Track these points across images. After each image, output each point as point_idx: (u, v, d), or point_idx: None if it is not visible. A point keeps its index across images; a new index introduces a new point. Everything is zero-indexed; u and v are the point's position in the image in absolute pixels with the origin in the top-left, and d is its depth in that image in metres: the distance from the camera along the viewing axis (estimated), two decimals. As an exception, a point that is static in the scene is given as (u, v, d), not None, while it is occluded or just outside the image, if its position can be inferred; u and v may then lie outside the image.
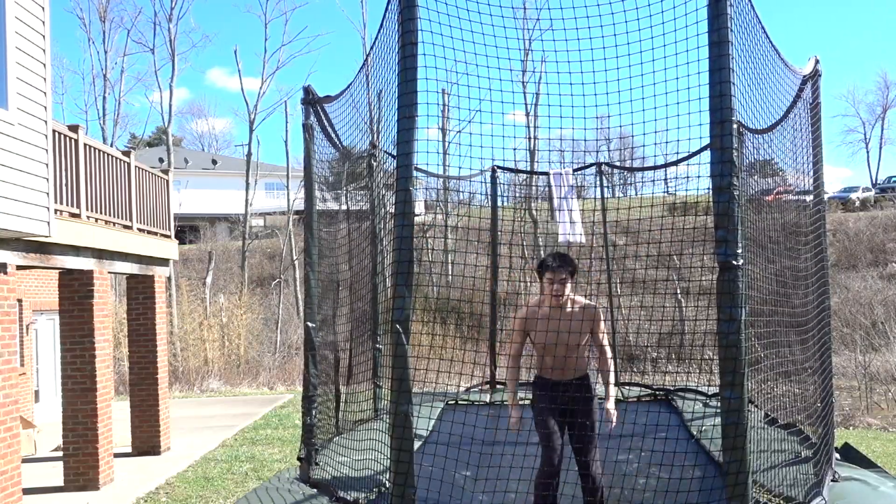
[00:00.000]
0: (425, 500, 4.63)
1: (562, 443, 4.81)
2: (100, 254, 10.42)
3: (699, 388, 7.83)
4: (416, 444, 5.20)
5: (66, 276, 10.34)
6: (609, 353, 4.99)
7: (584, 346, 5.01)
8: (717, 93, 3.21)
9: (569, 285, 4.96)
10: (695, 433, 6.35)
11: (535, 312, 5.02)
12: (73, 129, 9.74)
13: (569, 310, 4.98)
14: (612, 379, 4.90)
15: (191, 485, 10.14)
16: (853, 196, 40.69)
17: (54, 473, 10.46)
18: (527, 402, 5.19)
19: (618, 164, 13.41)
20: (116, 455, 11.14)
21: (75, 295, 10.31)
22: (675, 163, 8.09)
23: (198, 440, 13.22)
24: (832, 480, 4.70)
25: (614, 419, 4.73)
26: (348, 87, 5.46)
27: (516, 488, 4.99)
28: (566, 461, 4.83)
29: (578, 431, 4.81)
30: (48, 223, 8.15)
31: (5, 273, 8.12)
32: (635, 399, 8.01)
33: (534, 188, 10.48)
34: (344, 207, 6.74)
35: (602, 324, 5.01)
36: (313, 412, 5.72)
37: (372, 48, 4.55)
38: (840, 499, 4.41)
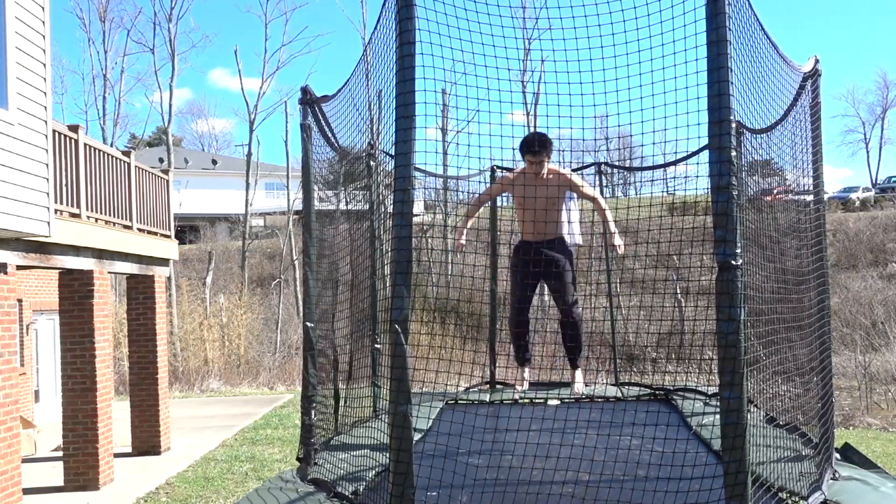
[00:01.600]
0: (425, 500, 4.63)
1: (531, 294, 5.57)
2: (100, 254, 10.43)
3: (699, 388, 7.83)
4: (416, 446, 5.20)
5: (66, 276, 10.34)
6: (602, 201, 5.61)
7: (559, 210, 5.60)
8: (715, 92, 3.20)
9: (546, 163, 5.54)
10: (694, 431, 6.35)
11: (519, 178, 5.61)
12: (73, 129, 9.75)
13: (545, 177, 5.57)
14: (609, 217, 5.56)
15: (191, 485, 10.15)
16: (853, 196, 40.71)
17: (54, 473, 10.46)
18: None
19: (617, 164, 13.41)
20: (116, 455, 11.15)
21: (75, 295, 10.31)
22: (675, 163, 8.08)
23: (198, 440, 13.22)
24: (832, 479, 4.70)
25: (622, 244, 5.41)
26: (345, 85, 5.46)
27: (516, 489, 4.99)
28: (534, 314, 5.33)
29: (555, 281, 5.49)
30: (48, 223, 8.16)
31: (5, 273, 8.12)
32: (634, 398, 8.01)
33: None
34: (343, 207, 6.74)
35: (579, 180, 5.62)
36: (313, 412, 5.72)
37: (367, 47, 4.55)
38: (840, 498, 4.41)
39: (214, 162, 50.70)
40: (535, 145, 5.44)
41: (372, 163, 6.46)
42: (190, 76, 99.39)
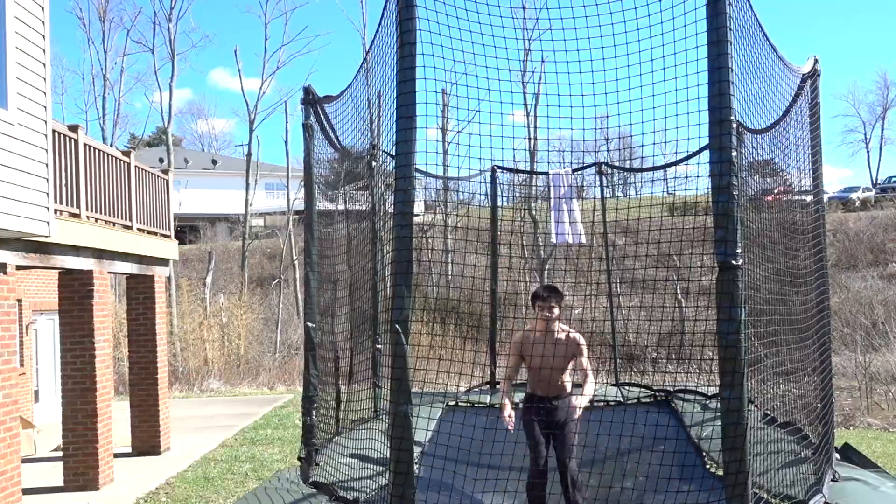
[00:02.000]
0: (425, 500, 4.63)
1: (547, 451, 5.56)
2: (100, 254, 10.42)
3: (699, 389, 7.82)
4: (416, 449, 5.20)
5: (66, 276, 10.33)
6: (591, 376, 5.73)
7: (567, 369, 5.80)
8: (716, 92, 3.20)
9: (556, 310, 5.76)
10: (694, 435, 6.35)
11: (529, 337, 5.83)
12: (73, 129, 9.74)
13: (556, 336, 5.76)
14: (587, 390, 5.61)
15: (191, 485, 10.14)
16: (853, 196, 40.68)
17: (54, 473, 10.46)
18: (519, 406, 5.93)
19: (618, 164, 13.41)
20: (116, 455, 11.14)
21: (75, 295, 10.31)
22: (675, 163, 8.08)
23: (198, 440, 13.22)
24: (832, 480, 4.70)
25: (578, 413, 5.37)
26: (348, 87, 5.46)
27: (515, 489, 4.99)
28: (552, 469, 5.51)
29: (559, 440, 5.55)
30: (48, 223, 8.15)
31: (5, 273, 8.12)
32: (635, 400, 8.01)
33: (534, 188, 10.47)
34: (345, 207, 6.74)
35: (584, 350, 5.77)
36: (313, 412, 5.72)
37: (370, 48, 4.55)
38: (840, 498, 4.41)
39: (214, 162, 50.70)
40: (545, 293, 5.79)
41: (372, 163, 6.46)
42: (190, 76, 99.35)
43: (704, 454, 5.83)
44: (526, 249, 19.48)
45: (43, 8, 8.19)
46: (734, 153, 3.28)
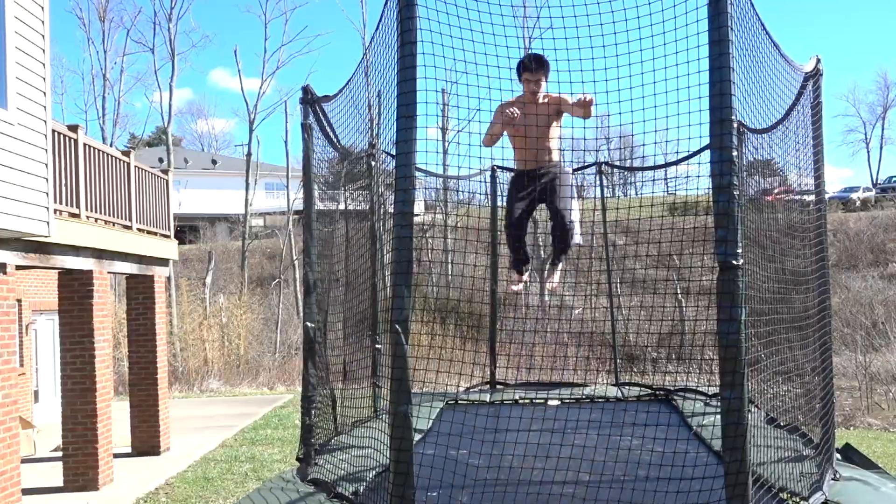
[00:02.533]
0: (425, 500, 4.62)
1: (529, 211, 5.84)
2: (99, 254, 10.42)
3: (699, 388, 7.82)
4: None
5: (66, 276, 10.33)
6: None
7: (555, 137, 5.66)
8: (717, 92, 3.20)
9: (543, 84, 5.48)
10: (695, 432, 6.34)
11: (512, 104, 5.49)
12: (73, 129, 9.74)
13: (541, 102, 5.53)
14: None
15: (190, 485, 10.14)
16: (854, 196, 40.68)
17: (54, 474, 10.45)
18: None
19: (618, 163, 13.40)
20: (116, 455, 11.14)
21: (75, 295, 10.30)
22: (676, 162, 8.07)
23: (198, 440, 13.21)
24: (833, 479, 4.69)
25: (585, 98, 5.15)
26: (346, 85, 5.45)
27: (516, 489, 4.98)
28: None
29: (550, 196, 5.66)
30: (48, 223, 8.15)
31: (5, 273, 8.11)
32: (635, 399, 8.00)
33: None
34: (344, 207, 6.74)
35: (568, 97, 5.43)
36: (312, 412, 5.71)
37: (369, 47, 4.55)
38: (840, 498, 4.41)
39: (214, 162, 50.69)
40: (532, 64, 5.39)
41: (372, 163, 6.45)
42: (191, 76, 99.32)
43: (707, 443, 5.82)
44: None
45: (43, 8, 8.19)
46: (735, 153, 3.27)
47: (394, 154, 3.66)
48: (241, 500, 5.52)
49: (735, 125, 3.29)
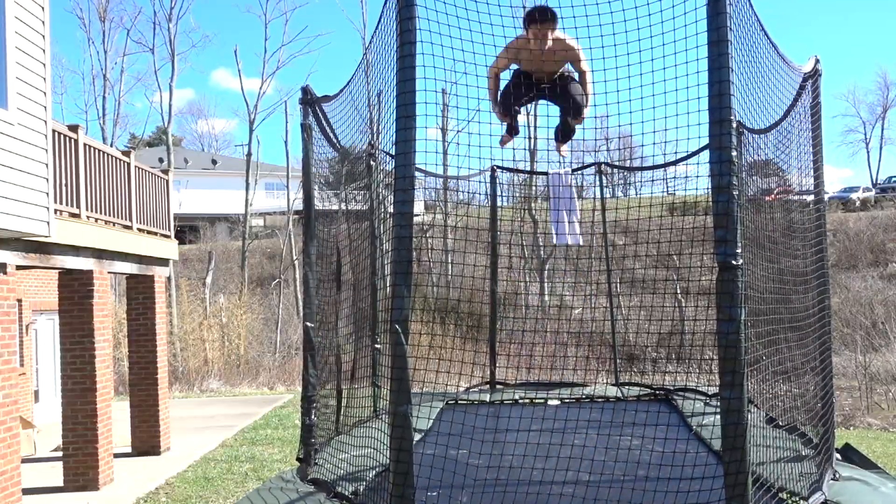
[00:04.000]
0: (425, 500, 4.63)
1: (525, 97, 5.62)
2: (100, 254, 10.42)
3: (699, 388, 7.83)
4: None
5: (66, 276, 10.33)
6: (590, 76, 5.52)
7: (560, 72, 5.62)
8: (716, 92, 3.20)
9: (550, 34, 5.30)
10: (694, 432, 6.34)
11: (523, 46, 5.45)
12: (73, 129, 9.74)
13: (549, 45, 5.40)
14: (589, 90, 5.55)
15: (191, 485, 10.14)
16: (853, 196, 40.68)
17: (54, 473, 10.45)
18: None
19: (618, 164, 13.41)
20: (116, 455, 11.14)
21: (75, 295, 10.31)
22: (675, 163, 8.08)
23: (198, 440, 13.22)
24: (832, 479, 4.70)
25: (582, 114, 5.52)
26: (346, 86, 5.45)
27: (516, 488, 4.98)
28: None
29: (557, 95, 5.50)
30: (48, 223, 8.15)
31: (5, 273, 8.12)
32: (635, 398, 8.01)
33: (533, 188, 10.46)
34: (343, 207, 6.74)
35: (580, 53, 5.37)
36: (312, 412, 5.72)
37: (369, 47, 4.55)
38: (840, 497, 4.41)
39: (214, 162, 50.69)
40: (538, 15, 5.16)
41: (372, 163, 6.45)
42: (193, 77, 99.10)
43: (706, 443, 5.82)
44: (526, 249, 19.49)
45: (43, 8, 8.19)
46: (734, 153, 3.28)
47: (393, 154, 3.66)
48: (241, 500, 5.52)
49: (734, 125, 3.30)
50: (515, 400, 7.92)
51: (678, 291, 10.32)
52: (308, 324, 5.78)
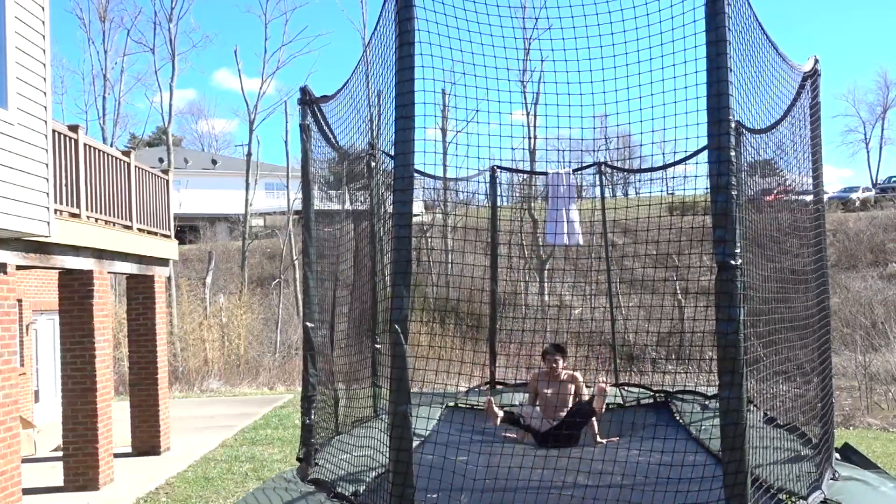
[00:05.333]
0: (424, 500, 4.63)
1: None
2: (100, 254, 10.42)
3: (698, 389, 7.82)
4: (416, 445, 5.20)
5: (66, 276, 10.33)
6: (589, 397, 6.99)
7: (569, 403, 6.98)
8: (714, 92, 3.20)
9: (561, 362, 7.17)
10: (693, 434, 6.35)
11: (539, 375, 7.30)
12: (73, 129, 9.74)
13: (561, 378, 7.13)
14: (600, 407, 6.81)
15: (191, 485, 10.14)
16: (853, 196, 40.67)
17: (54, 473, 10.45)
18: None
19: (617, 164, 13.41)
20: (116, 455, 11.14)
21: (75, 295, 10.31)
22: (675, 163, 8.08)
23: (198, 440, 13.22)
24: (832, 479, 4.70)
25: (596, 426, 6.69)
26: (344, 86, 5.45)
27: (515, 489, 4.98)
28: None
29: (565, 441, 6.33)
30: (48, 223, 8.15)
31: (5, 273, 8.12)
32: (634, 401, 8.01)
33: (533, 188, 10.46)
34: (343, 207, 6.74)
35: (582, 385, 7.21)
36: (312, 412, 5.72)
37: (367, 47, 4.55)
38: (840, 497, 4.41)
39: (214, 162, 50.69)
40: (551, 350, 7.22)
41: (372, 163, 6.45)
42: (195, 77, 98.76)
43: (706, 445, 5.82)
44: (526, 249, 19.47)
45: (43, 8, 8.19)
46: (733, 153, 3.28)
47: (393, 154, 3.66)
48: (241, 500, 5.53)
49: (733, 126, 3.30)
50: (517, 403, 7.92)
51: (678, 291, 10.32)
52: (308, 324, 5.78)
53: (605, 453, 5.88)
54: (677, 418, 7.13)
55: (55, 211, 8.58)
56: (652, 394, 8.08)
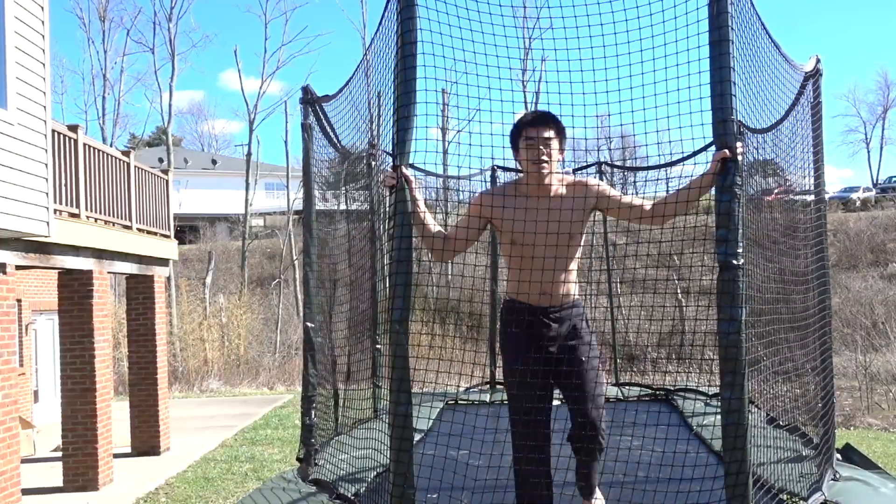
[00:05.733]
0: (425, 500, 4.62)
1: (548, 417, 3.53)
2: (99, 254, 10.42)
3: (699, 388, 7.82)
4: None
5: (66, 276, 10.33)
6: (647, 204, 3.52)
7: (576, 247, 3.57)
8: (717, 92, 3.20)
9: (556, 153, 3.52)
10: (695, 432, 6.34)
11: (505, 199, 3.46)
12: (73, 128, 9.74)
13: (556, 191, 3.49)
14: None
15: (190, 485, 10.14)
16: (854, 196, 40.69)
17: (54, 474, 10.45)
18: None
19: (618, 163, 13.41)
20: (116, 455, 11.13)
21: (75, 295, 10.30)
22: (676, 162, 8.07)
23: (198, 440, 13.21)
24: (833, 479, 4.69)
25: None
26: (346, 85, 5.45)
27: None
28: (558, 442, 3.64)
29: (575, 381, 3.53)
30: (48, 223, 8.15)
31: (5, 273, 8.11)
32: (635, 399, 8.00)
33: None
34: (344, 207, 6.73)
35: (609, 190, 3.66)
36: (312, 412, 5.71)
37: (370, 47, 4.55)
38: (840, 497, 4.40)
39: (214, 162, 50.69)
40: (539, 121, 3.56)
41: (372, 163, 6.45)
42: (200, 78, 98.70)
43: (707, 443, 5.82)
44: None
45: (43, 8, 8.18)
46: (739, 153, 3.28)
47: (393, 154, 3.65)
48: (241, 500, 5.52)
49: (735, 125, 3.30)
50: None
51: (678, 291, 10.31)
52: (308, 324, 5.77)
53: (604, 453, 5.87)
54: (679, 414, 7.13)
55: (55, 211, 8.57)
56: (653, 391, 8.08)
